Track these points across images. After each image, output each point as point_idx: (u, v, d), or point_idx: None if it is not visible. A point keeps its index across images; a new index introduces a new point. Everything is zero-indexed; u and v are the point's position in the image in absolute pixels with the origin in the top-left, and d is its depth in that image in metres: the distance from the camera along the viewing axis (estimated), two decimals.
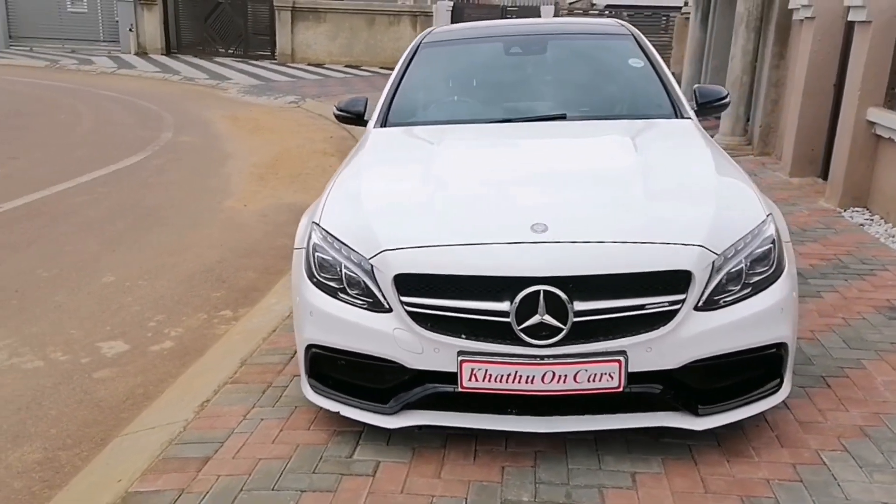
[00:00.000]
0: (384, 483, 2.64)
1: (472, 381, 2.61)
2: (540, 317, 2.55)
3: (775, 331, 2.74)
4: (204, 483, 2.67)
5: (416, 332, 2.65)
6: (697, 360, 2.66)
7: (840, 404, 3.15)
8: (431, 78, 4.32)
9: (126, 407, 3.53)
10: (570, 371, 2.57)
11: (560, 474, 2.68)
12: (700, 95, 4.04)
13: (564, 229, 2.65)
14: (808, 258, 5.05)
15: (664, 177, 3.07)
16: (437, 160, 3.31)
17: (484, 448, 2.85)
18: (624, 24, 4.57)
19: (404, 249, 2.69)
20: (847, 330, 3.89)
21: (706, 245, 2.65)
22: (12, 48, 26.65)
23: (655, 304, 2.60)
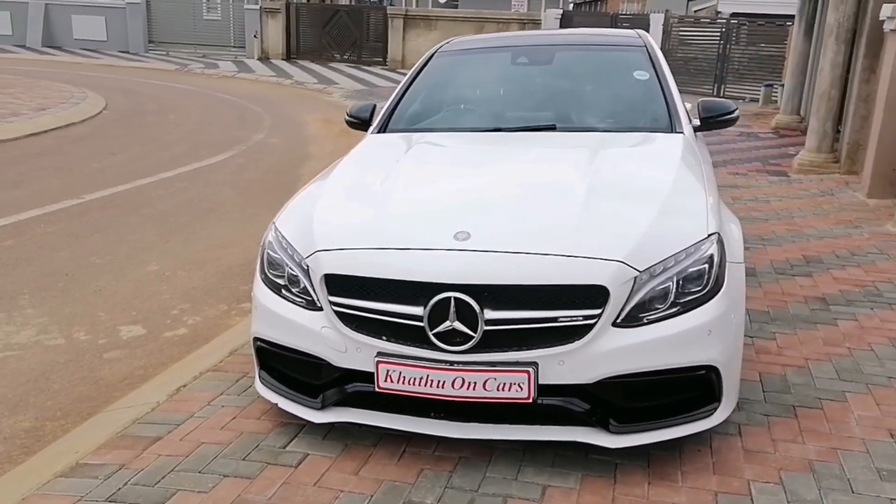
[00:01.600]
0: (302, 475, 2.75)
1: (388, 382, 2.68)
2: (450, 323, 2.59)
3: (701, 353, 2.66)
4: (144, 461, 2.86)
5: (342, 331, 2.75)
6: (614, 377, 2.62)
7: (799, 436, 3.00)
8: (438, 86, 4.41)
9: (121, 387, 3.80)
10: (480, 378, 2.60)
11: (473, 481, 2.70)
12: (703, 110, 3.93)
13: (485, 239, 2.68)
14: (841, 283, 4.78)
15: (610, 192, 3.03)
16: (397, 167, 3.39)
17: (412, 450, 2.90)
18: (641, 36, 4.50)
19: (334, 251, 2.80)
20: (846, 360, 3.69)
21: (627, 261, 2.61)
22: (151, 52, 28.57)
23: (569, 318, 2.58)
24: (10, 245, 5.89)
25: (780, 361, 3.67)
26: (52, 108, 12.24)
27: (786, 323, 4.15)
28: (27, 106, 12.25)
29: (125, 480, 2.73)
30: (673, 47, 21.15)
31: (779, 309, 4.36)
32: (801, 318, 4.23)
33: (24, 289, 4.99)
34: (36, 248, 5.83)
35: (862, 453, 2.89)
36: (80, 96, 14.19)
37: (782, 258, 5.32)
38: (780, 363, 3.65)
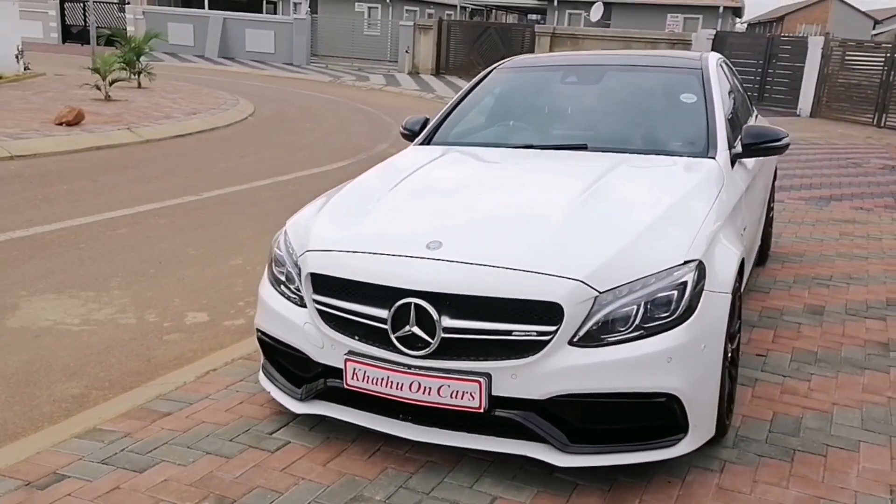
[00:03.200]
0: (274, 460, 2.93)
1: (354, 380, 2.82)
2: (409, 328, 2.69)
3: (658, 380, 2.60)
4: (148, 432, 3.14)
5: (320, 328, 2.91)
6: (567, 395, 2.62)
7: (785, 481, 2.86)
8: (488, 101, 4.50)
9: (170, 366, 4.14)
10: (435, 384, 2.68)
11: (428, 484, 2.78)
12: (746, 136, 3.79)
13: (455, 249, 2.76)
14: None
15: (597, 212, 3.02)
16: (409, 177, 3.52)
17: (386, 449, 3.01)
18: (702, 59, 4.38)
19: (320, 251, 2.97)
20: (879, 409, 3.44)
21: (587, 281, 2.61)
22: (312, 65, 30.27)
23: (523, 333, 2.62)
24: (122, 233, 6.51)
25: (804, 403, 3.48)
26: (202, 113, 13.29)
27: (830, 365, 3.91)
28: (181, 110, 13.38)
29: (123, 447, 3.02)
30: (833, 72, 19.96)
31: (830, 350, 4.10)
32: (851, 361, 3.97)
33: (120, 272, 5.52)
34: (143, 237, 6.42)
35: None
36: (232, 103, 15.30)
37: (861, 299, 4.98)
38: (803, 405, 3.46)
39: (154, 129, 11.26)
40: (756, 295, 4.98)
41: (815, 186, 9.45)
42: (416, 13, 37.31)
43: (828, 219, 7.56)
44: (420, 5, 38.55)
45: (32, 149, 9.21)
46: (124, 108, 13.01)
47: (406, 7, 36.96)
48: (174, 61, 29.11)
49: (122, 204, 7.42)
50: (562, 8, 34.50)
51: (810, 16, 53.59)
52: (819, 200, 8.53)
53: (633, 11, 32.23)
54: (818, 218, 7.58)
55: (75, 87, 14.50)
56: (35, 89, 14.86)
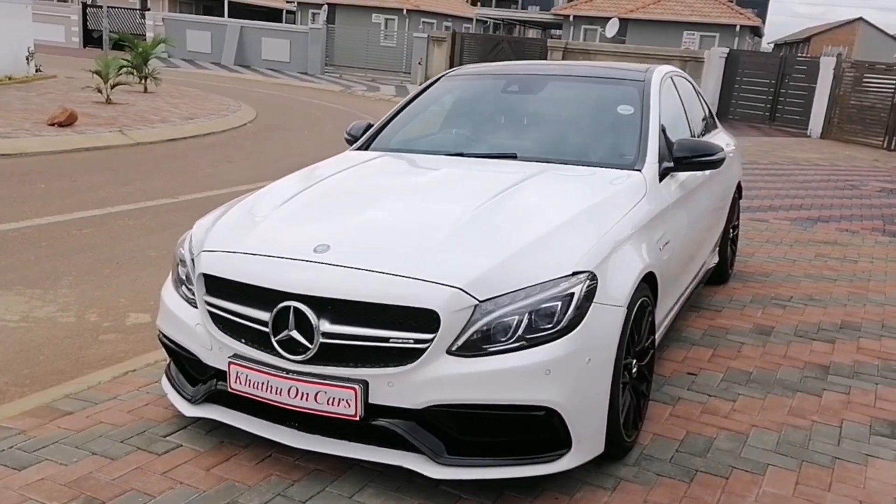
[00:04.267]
0: (158, 464, 2.88)
1: (238, 383, 2.77)
2: (289, 332, 2.64)
3: (536, 393, 2.53)
4: (42, 430, 3.10)
5: (210, 330, 2.87)
6: (444, 406, 2.55)
7: (676, 502, 2.76)
8: (430, 108, 4.45)
9: (97, 366, 4.11)
10: (312, 390, 2.62)
11: (306, 493, 2.72)
12: (678, 149, 3.72)
13: (340, 253, 2.71)
14: (863, 354, 4.37)
15: (493, 220, 2.96)
16: (322, 181, 3.48)
17: (277, 456, 2.96)
18: (648, 72, 4.29)
19: (213, 252, 2.93)
20: (798, 433, 3.34)
21: (466, 289, 2.54)
22: (325, 74, 30.44)
23: (400, 340, 2.56)
24: (87, 232, 6.52)
25: (721, 424, 3.38)
26: (200, 118, 13.36)
27: (761, 386, 3.80)
28: (179, 115, 13.46)
29: (12, 444, 2.98)
30: (845, 94, 19.73)
31: (766, 371, 4.00)
32: (784, 383, 3.86)
33: (74, 271, 5.52)
34: (107, 238, 6.42)
35: None
36: (234, 109, 15.38)
37: (815, 321, 4.86)
38: (720, 426, 3.36)
39: (147, 132, 11.33)
40: (706, 313, 4.88)
41: (805, 207, 9.30)
42: (433, 25, 37.46)
43: (808, 240, 7.43)
44: (437, 18, 38.71)
45: (19, 148, 9.29)
46: (123, 111, 13.11)
47: (423, 19, 37.09)
48: (190, 68, 29.39)
49: (95, 204, 7.44)
50: (577, 23, 34.48)
51: (837, 38, 53.15)
52: (805, 221, 8.39)
53: (649, 28, 32.14)
54: (798, 239, 7.45)
55: (81, 89, 14.64)
56: (40, 91, 15.03)
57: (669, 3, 32.87)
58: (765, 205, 9.28)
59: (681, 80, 4.88)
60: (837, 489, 2.91)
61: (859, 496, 2.87)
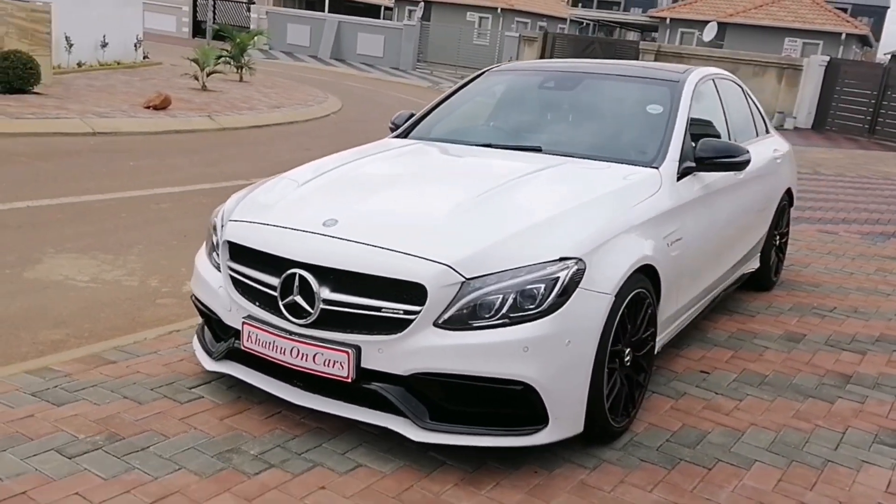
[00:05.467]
0: (179, 410, 3.17)
1: (249, 341, 3.03)
2: (293, 297, 2.88)
3: (514, 368, 2.69)
4: (86, 375, 3.45)
5: (230, 292, 3.15)
6: (429, 374, 2.74)
7: (651, 485, 2.88)
8: (470, 101, 4.64)
9: (149, 326, 4.47)
10: (311, 352, 2.85)
11: (304, 447, 2.96)
12: (700, 150, 3.77)
13: (346, 228, 2.93)
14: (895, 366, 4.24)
15: (494, 205, 3.13)
16: (350, 163, 3.73)
17: (286, 413, 3.21)
18: (685, 72, 4.35)
19: (238, 222, 3.21)
20: (797, 435, 3.37)
21: (455, 266, 2.72)
22: (417, 70, 30.94)
23: (391, 310, 2.76)
24: (164, 207, 7.00)
25: (720, 420, 3.44)
26: (287, 107, 13.91)
27: (773, 389, 3.82)
28: (268, 104, 14.05)
29: (57, 384, 3.33)
30: None
31: (783, 376, 4.00)
32: (798, 388, 3.86)
33: (145, 241, 5.95)
34: (181, 213, 6.87)
35: None
36: (320, 100, 15.92)
37: (852, 332, 4.79)
38: (718, 422, 3.42)
39: (234, 118, 11.91)
40: (738, 317, 4.88)
41: (882, 222, 8.99)
42: (527, 25, 37.48)
43: (874, 254, 7.22)
44: (532, 17, 38.68)
45: (114, 127, 9.96)
46: (215, 98, 13.78)
47: (517, 19, 37.16)
48: (289, 60, 30.39)
49: (176, 182, 7.94)
50: (674, 26, 33.83)
51: None
52: (878, 236, 8.13)
53: (748, 33, 31.24)
54: (864, 252, 7.24)
55: (180, 76, 15.46)
56: (144, 76, 15.93)
57: (772, 9, 31.85)
58: (838, 217, 9.02)
59: (726, 83, 4.90)
60: (820, 489, 2.94)
61: (840, 498, 2.89)
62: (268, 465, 2.82)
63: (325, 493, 2.67)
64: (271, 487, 2.68)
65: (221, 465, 2.79)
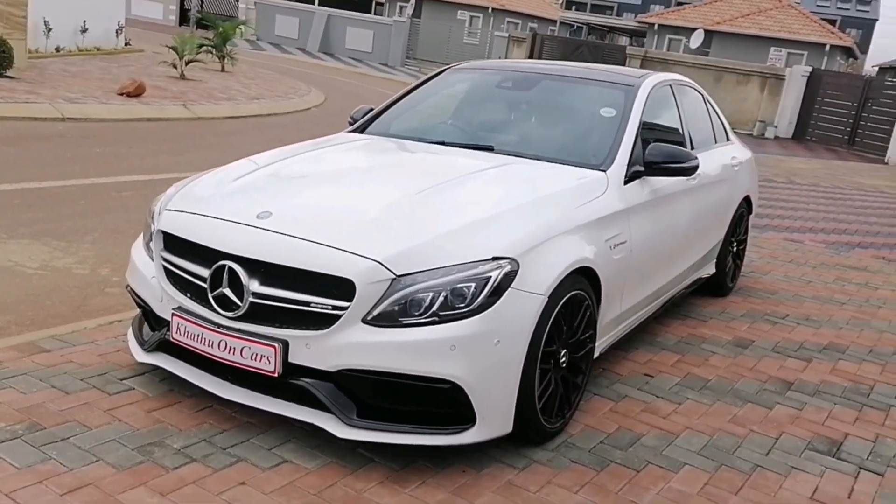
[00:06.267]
0: (105, 402, 3.12)
1: (178, 333, 2.99)
2: (222, 289, 2.84)
3: (440, 366, 2.67)
4: (18, 363, 3.39)
5: (161, 283, 3.11)
6: (356, 371, 2.72)
7: (577, 486, 2.88)
8: (428, 98, 4.63)
9: (94, 314, 4.42)
10: (238, 345, 2.82)
11: (230, 441, 2.93)
12: (650, 154, 3.77)
13: (279, 220, 2.90)
14: (837, 375, 4.28)
15: (431, 203, 3.11)
16: (297, 156, 3.71)
17: (217, 407, 3.17)
18: (641, 77, 4.34)
19: (170, 211, 3.17)
20: (730, 440, 3.38)
21: (385, 263, 2.70)
22: (405, 67, 30.88)
23: (320, 305, 2.73)
24: (125, 195, 6.93)
25: (657, 423, 3.44)
26: (267, 99, 13.84)
27: (714, 394, 3.83)
28: (247, 95, 13.97)
29: None
30: None
31: (725, 381, 4.01)
32: (739, 393, 3.87)
33: (101, 229, 5.89)
34: (142, 201, 6.76)
35: None
36: (303, 93, 15.85)
37: (800, 339, 4.81)
38: (655, 425, 3.42)
39: (209, 108, 11.83)
40: (691, 322, 4.89)
41: (849, 232, 9.04)
42: (517, 25, 37.51)
43: (836, 264, 7.26)
44: (522, 18, 38.72)
45: (85, 113, 9.86)
46: (193, 87, 13.69)
47: (508, 19, 37.19)
48: (275, 51, 30.25)
49: (142, 170, 7.88)
50: (662, 32, 33.94)
51: None
52: (843, 246, 8.18)
53: (734, 42, 31.39)
54: (826, 262, 7.28)
55: (158, 64, 15.34)
56: (122, 63, 15.79)
57: (758, 18, 32.02)
58: (806, 226, 9.07)
59: (685, 89, 4.90)
60: (745, 494, 2.94)
61: (764, 502, 2.90)
62: (189, 459, 2.79)
63: (243, 489, 2.64)
64: (189, 482, 2.64)
65: (141, 459, 2.75)
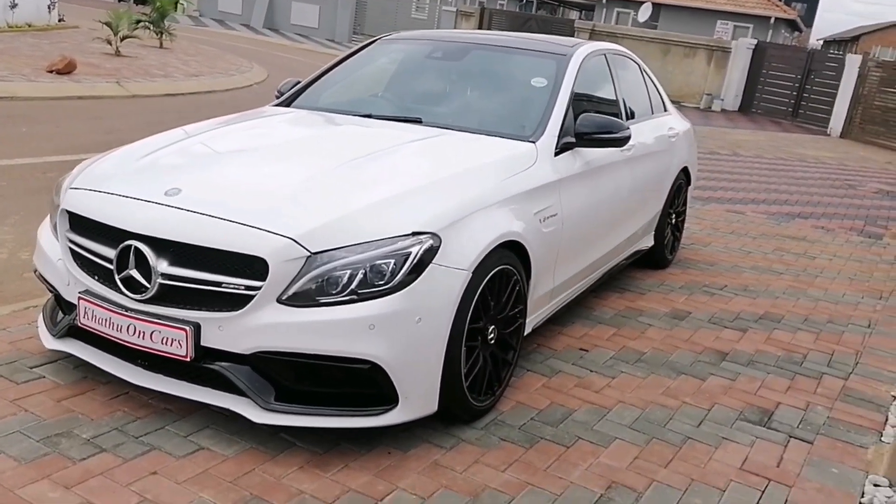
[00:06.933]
0: (12, 392, 2.95)
1: (86, 318, 2.84)
2: (129, 270, 2.70)
3: (360, 346, 2.57)
4: None
5: (67, 265, 2.95)
6: (271, 353, 2.60)
7: (505, 465, 2.82)
8: (356, 70, 4.49)
9: (12, 300, 4.22)
10: (148, 329, 2.69)
11: (143, 430, 2.80)
12: (580, 125, 3.69)
13: (188, 198, 2.76)
14: (771, 344, 4.30)
15: (348, 178, 3.00)
16: (211, 130, 3.56)
17: (134, 394, 3.02)
18: (574, 46, 4.26)
19: (75, 190, 3.00)
20: (661, 412, 3.35)
21: (299, 240, 2.59)
22: (353, 42, 30.39)
23: (232, 286, 2.61)
24: (51, 176, 6.60)
25: (590, 398, 3.40)
26: (205, 76, 13.47)
27: (648, 367, 3.80)
28: (185, 72, 13.57)
29: None
30: (870, 93, 19.31)
31: (660, 353, 3.99)
32: (673, 365, 3.85)
33: (23, 211, 5.63)
34: None
35: (548, 494, 2.65)
36: (244, 70, 15.48)
37: (737, 310, 4.83)
38: (587, 399, 3.38)
39: (144, 85, 11.46)
40: (629, 295, 4.87)
41: (790, 203, 9.16)
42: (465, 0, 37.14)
43: (776, 234, 7.33)
44: None
45: (11, 91, 9.46)
46: (128, 64, 13.25)
47: None
48: (219, 28, 29.57)
49: (69, 150, 7.56)
50: (610, 6, 34.02)
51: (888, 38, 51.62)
52: (784, 216, 8.27)
53: (682, 15, 31.61)
54: (766, 232, 7.35)
55: (92, 40, 14.81)
56: (54, 39, 15.22)
57: None
58: (748, 197, 9.15)
59: (620, 58, 4.84)
60: (675, 466, 2.92)
61: (693, 475, 2.88)
62: (99, 449, 2.65)
63: (154, 479, 2.52)
64: (96, 474, 2.51)
65: (46, 450, 2.61)
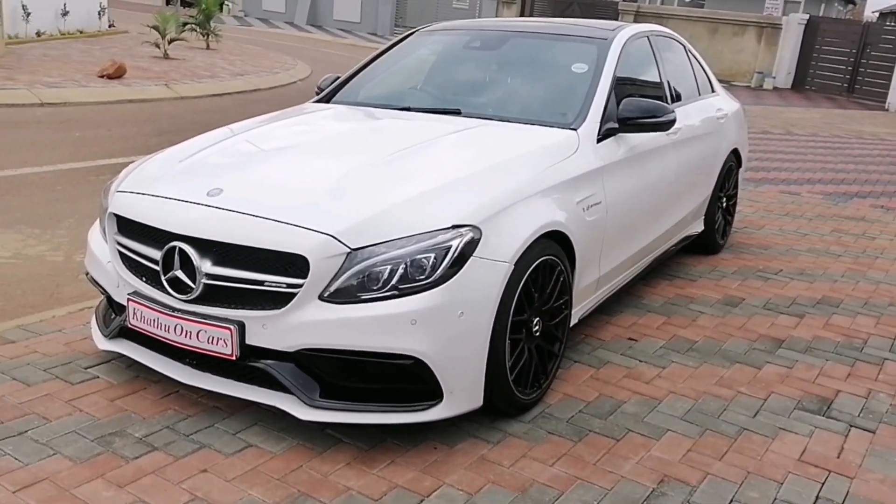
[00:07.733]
0: (67, 392, 3.02)
1: (135, 319, 2.88)
2: (174, 271, 2.73)
3: (402, 342, 2.56)
4: None
5: (116, 267, 2.99)
6: (315, 350, 2.61)
7: (554, 459, 2.77)
8: (395, 63, 4.47)
9: (66, 303, 4.32)
10: (194, 329, 2.71)
11: (194, 427, 2.83)
12: (623, 110, 3.61)
13: (230, 198, 2.78)
14: (830, 330, 4.17)
15: (387, 172, 2.98)
16: (252, 130, 3.57)
17: (183, 392, 3.07)
18: (615, 30, 4.17)
19: (122, 193, 3.04)
20: (715, 403, 3.27)
21: (339, 236, 2.58)
22: (395, 35, 30.40)
23: (275, 284, 2.62)
24: (103, 179, 6.69)
25: (640, 389, 3.33)
26: (251, 75, 13.62)
27: (700, 356, 3.71)
28: (231, 71, 13.75)
29: None
30: None
31: (713, 341, 3.89)
32: (727, 354, 3.76)
33: (77, 214, 5.77)
34: None
35: (598, 489, 2.60)
36: (288, 67, 15.62)
37: (793, 295, 4.68)
38: (637, 391, 3.32)
39: (192, 86, 11.64)
40: (678, 282, 4.76)
41: (847, 182, 8.87)
42: None
43: (833, 214, 7.10)
44: None
45: (64, 97, 9.69)
46: (176, 66, 13.47)
47: None
48: (263, 27, 29.91)
49: (121, 153, 7.72)
50: None
51: None
52: (841, 196, 8.01)
53: None
54: (822, 213, 7.13)
55: (141, 44, 15.10)
56: (105, 45, 15.57)
57: None
58: (804, 177, 8.89)
59: (664, 40, 4.73)
60: (729, 458, 2.84)
61: (750, 467, 2.79)
62: (151, 447, 2.69)
63: (205, 477, 2.55)
64: (148, 472, 2.55)
65: (100, 450, 2.65)
